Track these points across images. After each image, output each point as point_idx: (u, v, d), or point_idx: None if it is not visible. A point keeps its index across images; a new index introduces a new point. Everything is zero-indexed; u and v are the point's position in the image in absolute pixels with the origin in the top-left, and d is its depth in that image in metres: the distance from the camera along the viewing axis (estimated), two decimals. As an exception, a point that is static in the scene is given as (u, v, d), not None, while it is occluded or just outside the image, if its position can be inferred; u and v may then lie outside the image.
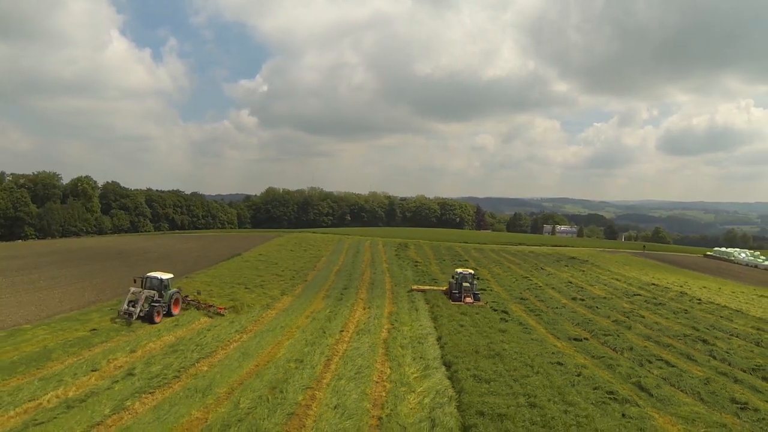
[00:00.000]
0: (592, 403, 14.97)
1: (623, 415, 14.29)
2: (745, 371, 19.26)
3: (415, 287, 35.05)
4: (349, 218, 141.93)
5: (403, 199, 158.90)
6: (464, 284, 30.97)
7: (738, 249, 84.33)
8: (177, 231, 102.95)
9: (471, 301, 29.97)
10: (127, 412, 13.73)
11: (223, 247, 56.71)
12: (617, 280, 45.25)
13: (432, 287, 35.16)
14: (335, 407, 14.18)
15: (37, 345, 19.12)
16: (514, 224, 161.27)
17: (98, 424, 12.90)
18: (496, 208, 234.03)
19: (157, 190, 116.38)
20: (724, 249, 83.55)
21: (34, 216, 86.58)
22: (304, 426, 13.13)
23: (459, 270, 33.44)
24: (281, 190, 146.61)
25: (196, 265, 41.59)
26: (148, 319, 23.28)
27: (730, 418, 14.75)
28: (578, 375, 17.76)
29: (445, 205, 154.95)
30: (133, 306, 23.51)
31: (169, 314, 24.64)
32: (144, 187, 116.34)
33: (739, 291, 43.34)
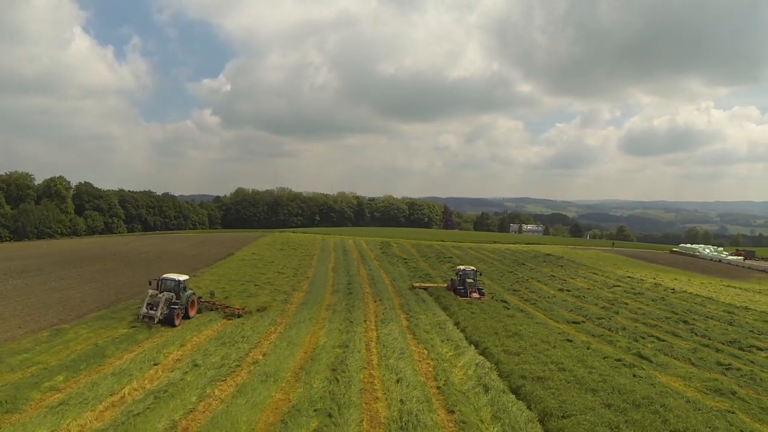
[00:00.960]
0: (608, 368, 17.94)
1: (634, 375, 17.38)
2: (723, 344, 23.01)
3: (416, 284, 36.45)
4: (318, 218, 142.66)
5: (372, 199, 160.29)
6: (468, 280, 32.55)
7: (703, 245, 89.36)
8: (159, 231, 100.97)
9: (477, 296, 31.53)
10: (212, 399, 14.48)
11: (213, 247, 57.11)
12: (595, 273, 49.39)
13: (433, 284, 36.85)
14: (398, 381, 16.16)
15: (85, 343, 19.53)
16: (481, 223, 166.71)
17: (192, 411, 13.61)
18: (459, 208, 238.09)
19: (129, 191, 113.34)
20: (689, 245, 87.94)
21: (9, 217, 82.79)
22: (378, 398, 15.01)
23: (461, 267, 35.34)
24: (250, 191, 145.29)
25: (196, 265, 42.05)
26: (168, 322, 23.04)
27: (718, 375, 18.17)
28: (588, 348, 20.83)
29: (413, 205, 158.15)
30: (152, 309, 23.06)
31: (186, 316, 24.37)
32: (108, 187, 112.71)
33: (707, 282, 48.25)
